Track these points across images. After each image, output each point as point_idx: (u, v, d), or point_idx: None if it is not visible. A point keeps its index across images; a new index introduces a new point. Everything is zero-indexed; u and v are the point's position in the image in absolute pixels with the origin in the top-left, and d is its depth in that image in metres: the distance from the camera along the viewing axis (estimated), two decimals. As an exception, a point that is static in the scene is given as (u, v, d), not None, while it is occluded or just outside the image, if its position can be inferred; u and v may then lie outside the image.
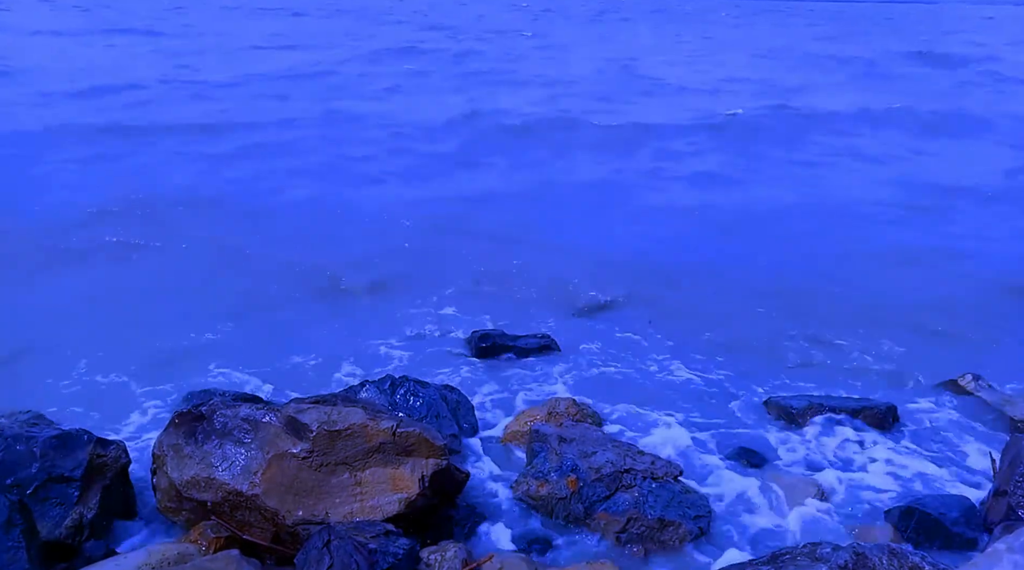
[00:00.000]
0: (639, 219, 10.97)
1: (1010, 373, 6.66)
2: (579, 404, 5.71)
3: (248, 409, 4.40)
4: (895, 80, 25.34)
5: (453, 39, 34.87)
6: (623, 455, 4.73)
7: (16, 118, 16.00)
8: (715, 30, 45.09)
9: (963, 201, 12.05)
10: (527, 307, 7.92)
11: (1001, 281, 8.78)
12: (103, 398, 6.08)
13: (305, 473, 4.20)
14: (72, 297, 7.78)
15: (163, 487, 4.35)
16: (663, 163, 14.31)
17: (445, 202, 11.56)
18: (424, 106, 18.74)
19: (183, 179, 12.23)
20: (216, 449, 4.28)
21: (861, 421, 5.74)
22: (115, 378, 6.35)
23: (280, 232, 10.03)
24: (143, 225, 9.91)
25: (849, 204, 11.75)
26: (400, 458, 4.31)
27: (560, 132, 16.39)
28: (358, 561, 3.59)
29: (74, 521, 4.19)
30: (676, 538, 4.37)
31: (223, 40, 31.66)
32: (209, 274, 8.50)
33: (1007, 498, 4.31)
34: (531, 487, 4.67)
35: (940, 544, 4.35)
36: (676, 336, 7.36)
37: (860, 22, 54.87)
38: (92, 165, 12.87)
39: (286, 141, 14.93)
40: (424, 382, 5.57)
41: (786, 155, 14.93)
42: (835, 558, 3.38)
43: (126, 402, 6.02)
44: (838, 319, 7.75)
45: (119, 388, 6.24)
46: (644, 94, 21.80)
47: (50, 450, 4.28)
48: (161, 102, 18.48)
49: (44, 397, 5.98)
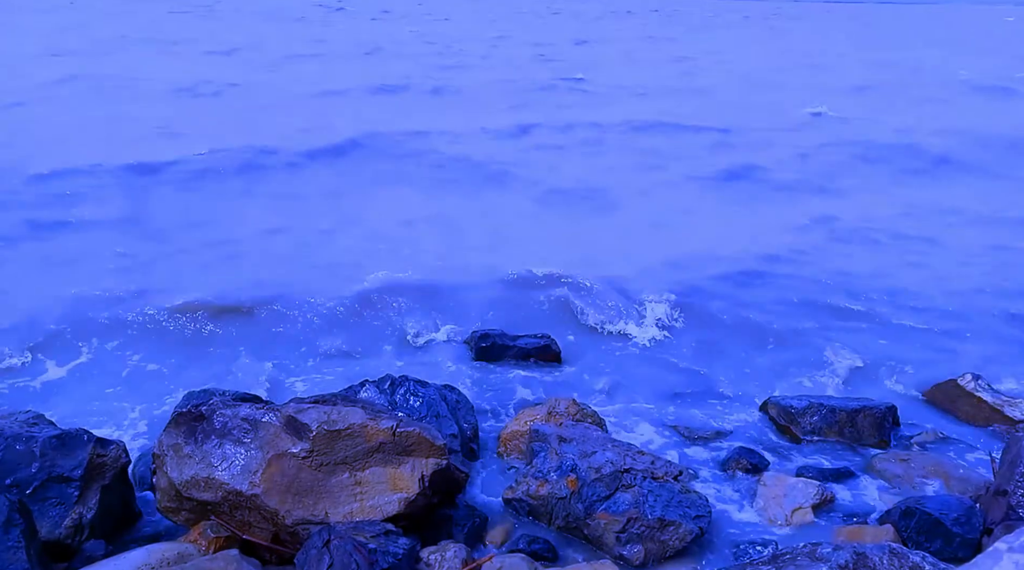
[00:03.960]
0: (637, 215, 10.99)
1: (1010, 373, 6.67)
2: (579, 404, 5.70)
3: (248, 409, 4.39)
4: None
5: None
6: (623, 455, 4.72)
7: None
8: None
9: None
10: (527, 307, 7.92)
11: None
12: (103, 398, 6.08)
13: (305, 473, 4.20)
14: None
15: (163, 487, 4.34)
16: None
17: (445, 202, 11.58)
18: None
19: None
20: (216, 449, 4.27)
21: (861, 421, 5.73)
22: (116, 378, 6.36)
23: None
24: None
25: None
26: (400, 458, 4.31)
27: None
28: (358, 561, 3.59)
29: (74, 521, 4.18)
30: (676, 538, 4.37)
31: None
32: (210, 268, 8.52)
33: (1007, 498, 4.31)
34: (531, 487, 4.67)
35: (940, 544, 4.34)
36: (676, 336, 7.37)
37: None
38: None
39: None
40: (424, 382, 5.57)
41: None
42: (835, 558, 3.38)
43: (126, 402, 6.02)
44: (838, 319, 7.76)
45: (119, 388, 6.24)
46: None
47: (50, 450, 4.28)
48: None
49: (44, 396, 5.99)
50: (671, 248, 9.71)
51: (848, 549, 3.44)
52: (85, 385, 6.26)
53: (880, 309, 7.94)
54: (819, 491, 4.92)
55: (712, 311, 7.86)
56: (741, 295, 8.30)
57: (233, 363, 6.66)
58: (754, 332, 7.46)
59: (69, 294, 7.71)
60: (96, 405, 5.94)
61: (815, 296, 8.29)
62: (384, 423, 4.32)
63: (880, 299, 8.22)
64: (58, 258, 8.85)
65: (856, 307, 7.99)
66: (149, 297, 7.67)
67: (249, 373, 6.47)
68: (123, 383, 6.32)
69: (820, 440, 5.70)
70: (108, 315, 7.25)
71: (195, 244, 9.40)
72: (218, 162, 12.78)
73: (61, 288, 7.89)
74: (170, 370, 6.55)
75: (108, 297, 7.69)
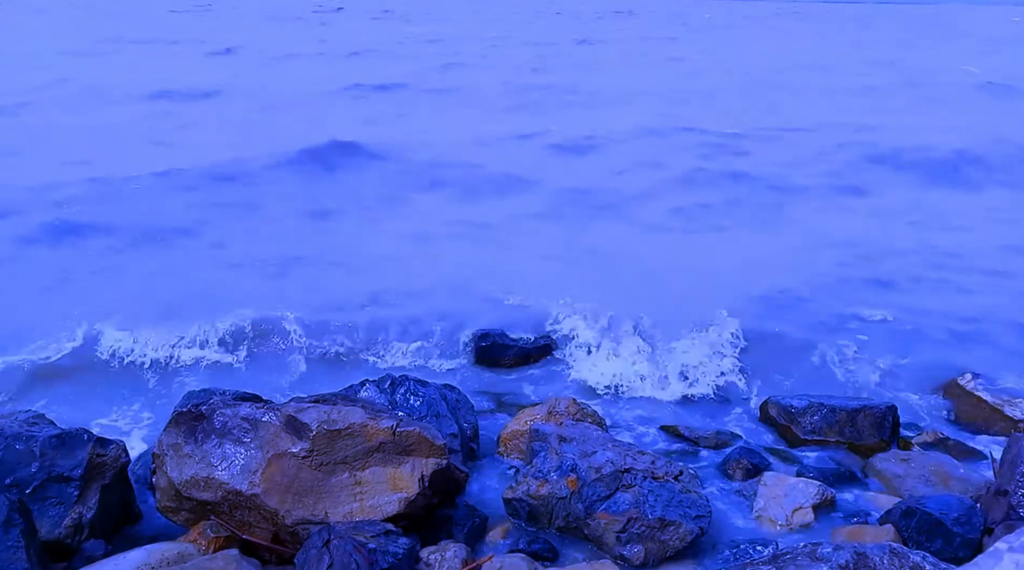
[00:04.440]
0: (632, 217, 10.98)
1: (1010, 373, 6.66)
2: (579, 403, 5.70)
3: (248, 408, 4.39)
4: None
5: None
6: (623, 455, 4.72)
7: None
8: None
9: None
10: (526, 307, 7.91)
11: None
12: (103, 398, 6.08)
13: (305, 472, 4.20)
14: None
15: (163, 486, 4.34)
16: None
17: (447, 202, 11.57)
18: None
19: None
20: (216, 448, 4.27)
21: (861, 421, 5.73)
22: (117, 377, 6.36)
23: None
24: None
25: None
26: (400, 457, 4.31)
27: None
28: (358, 561, 3.59)
29: (73, 521, 4.18)
30: (676, 538, 4.36)
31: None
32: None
33: (1007, 498, 4.31)
34: (531, 487, 4.67)
35: (940, 544, 4.34)
36: (676, 336, 7.36)
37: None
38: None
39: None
40: (424, 381, 5.56)
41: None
42: (836, 558, 3.37)
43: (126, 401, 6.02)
44: (838, 319, 7.75)
45: (121, 387, 6.24)
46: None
47: (50, 449, 4.27)
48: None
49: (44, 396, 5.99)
50: (671, 248, 9.72)
51: (849, 549, 3.43)
52: (85, 385, 6.25)
53: (880, 309, 7.93)
54: (819, 491, 4.91)
55: (712, 311, 7.85)
56: (742, 294, 8.30)
57: (233, 363, 6.66)
58: (754, 332, 7.45)
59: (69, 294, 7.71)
60: (96, 405, 5.94)
61: (815, 296, 8.29)
62: (384, 423, 4.32)
63: (880, 299, 8.21)
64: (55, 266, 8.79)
65: (856, 307, 7.99)
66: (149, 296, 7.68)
67: (249, 373, 6.47)
68: (123, 383, 6.31)
69: (820, 440, 5.69)
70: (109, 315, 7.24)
71: (195, 246, 9.40)
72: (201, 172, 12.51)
73: (63, 290, 7.90)
74: (170, 370, 6.54)
75: (110, 298, 7.69)
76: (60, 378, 6.35)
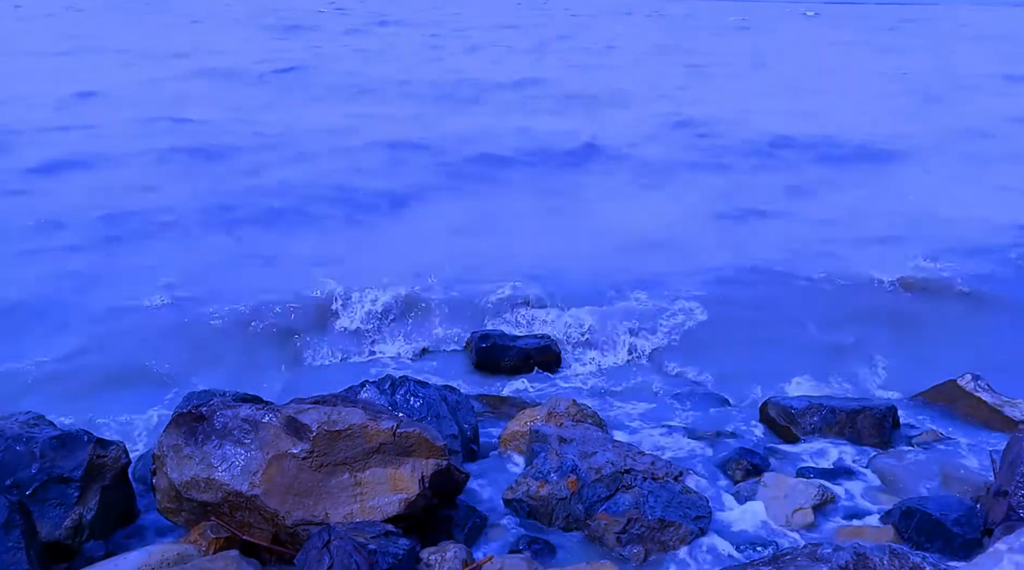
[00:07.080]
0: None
1: (1010, 373, 6.66)
2: (579, 404, 5.70)
3: (248, 409, 4.39)
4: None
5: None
6: (623, 455, 4.72)
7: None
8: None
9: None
10: (526, 307, 7.91)
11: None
12: (103, 398, 6.08)
13: (305, 473, 4.20)
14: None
15: (163, 487, 4.34)
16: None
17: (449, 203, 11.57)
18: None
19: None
20: (216, 449, 4.27)
21: (861, 421, 5.73)
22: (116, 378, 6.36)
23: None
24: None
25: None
26: (400, 458, 4.31)
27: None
28: (358, 561, 3.59)
29: (73, 522, 4.18)
30: (676, 538, 4.37)
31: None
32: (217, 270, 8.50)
33: (1007, 498, 4.31)
34: (531, 487, 4.67)
35: (940, 544, 4.33)
36: (676, 336, 7.36)
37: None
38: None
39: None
40: (424, 382, 5.57)
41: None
42: (836, 558, 3.38)
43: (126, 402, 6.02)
44: (838, 319, 7.76)
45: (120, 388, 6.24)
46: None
47: (50, 450, 4.27)
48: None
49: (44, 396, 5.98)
50: (671, 250, 9.72)
51: (849, 549, 3.43)
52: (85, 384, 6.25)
53: (880, 309, 7.94)
54: (819, 492, 4.91)
55: (713, 311, 7.87)
56: (742, 295, 8.30)
57: (233, 364, 6.66)
58: (754, 332, 7.46)
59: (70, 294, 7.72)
60: (96, 405, 5.94)
61: (815, 296, 8.29)
62: (384, 424, 4.32)
63: (880, 299, 8.21)
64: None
65: (856, 307, 8.00)
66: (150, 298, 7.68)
67: (249, 374, 6.47)
68: (123, 383, 6.32)
69: (820, 440, 5.69)
70: (109, 314, 7.25)
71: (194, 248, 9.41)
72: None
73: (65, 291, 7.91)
74: (171, 370, 6.54)
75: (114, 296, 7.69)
76: (60, 378, 6.36)
